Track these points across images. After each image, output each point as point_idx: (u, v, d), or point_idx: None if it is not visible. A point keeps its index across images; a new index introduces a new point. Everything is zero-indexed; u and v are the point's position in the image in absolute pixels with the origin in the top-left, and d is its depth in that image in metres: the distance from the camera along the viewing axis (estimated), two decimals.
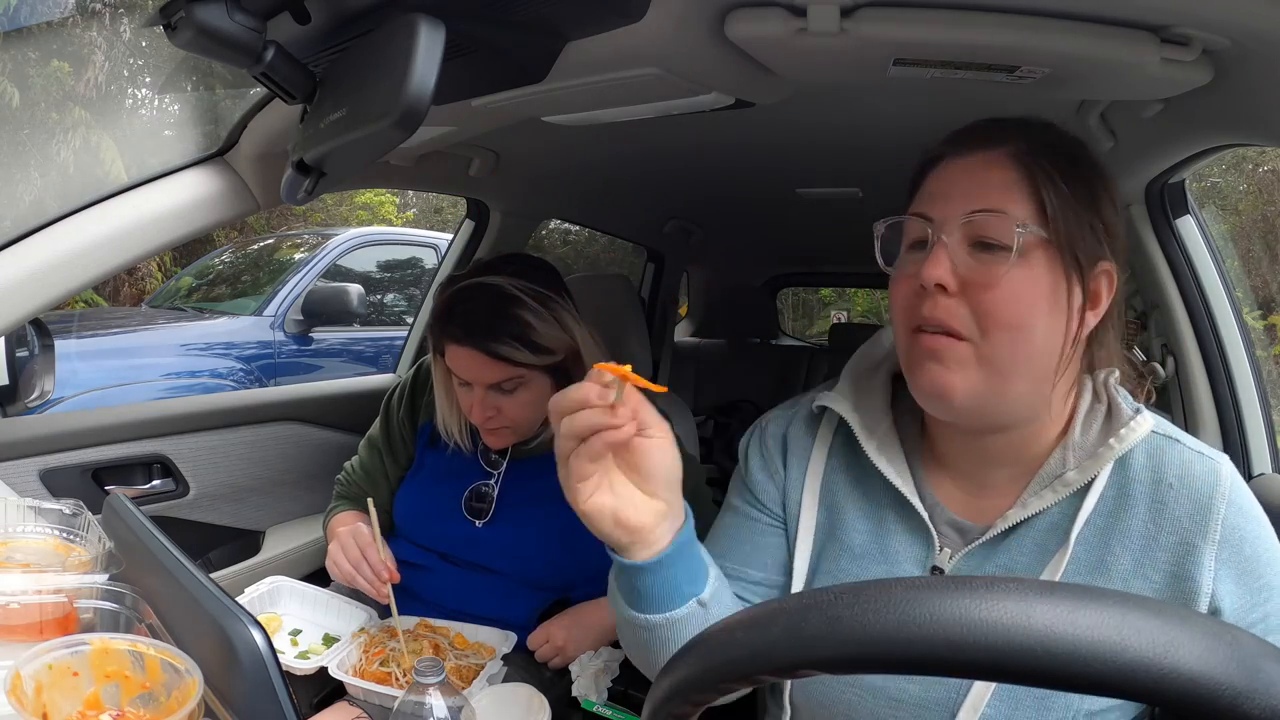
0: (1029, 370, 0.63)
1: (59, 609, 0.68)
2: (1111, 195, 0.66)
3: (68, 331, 3.37)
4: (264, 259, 4.58)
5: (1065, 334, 0.63)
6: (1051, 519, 0.65)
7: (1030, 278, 0.62)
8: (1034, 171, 0.63)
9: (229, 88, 1.06)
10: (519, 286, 1.07)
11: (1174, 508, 0.63)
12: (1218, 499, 0.62)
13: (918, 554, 0.69)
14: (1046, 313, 0.62)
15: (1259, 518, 0.64)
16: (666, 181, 1.73)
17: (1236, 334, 1.24)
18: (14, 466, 1.20)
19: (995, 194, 0.63)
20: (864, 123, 1.18)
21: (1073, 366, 0.66)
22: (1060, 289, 0.62)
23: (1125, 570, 0.63)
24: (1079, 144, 0.67)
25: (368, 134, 0.60)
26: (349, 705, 1.02)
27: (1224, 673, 0.29)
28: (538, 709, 0.92)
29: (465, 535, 1.16)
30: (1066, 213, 0.62)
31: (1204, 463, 0.64)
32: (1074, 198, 0.63)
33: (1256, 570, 0.62)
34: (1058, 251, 0.62)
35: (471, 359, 1.05)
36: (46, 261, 0.93)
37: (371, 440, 1.30)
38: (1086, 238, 0.63)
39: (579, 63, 0.79)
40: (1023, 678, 0.31)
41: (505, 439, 1.14)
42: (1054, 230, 0.62)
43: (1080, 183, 0.64)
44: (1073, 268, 0.62)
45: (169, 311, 4.08)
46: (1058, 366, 0.63)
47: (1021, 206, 0.62)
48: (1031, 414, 0.65)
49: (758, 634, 0.38)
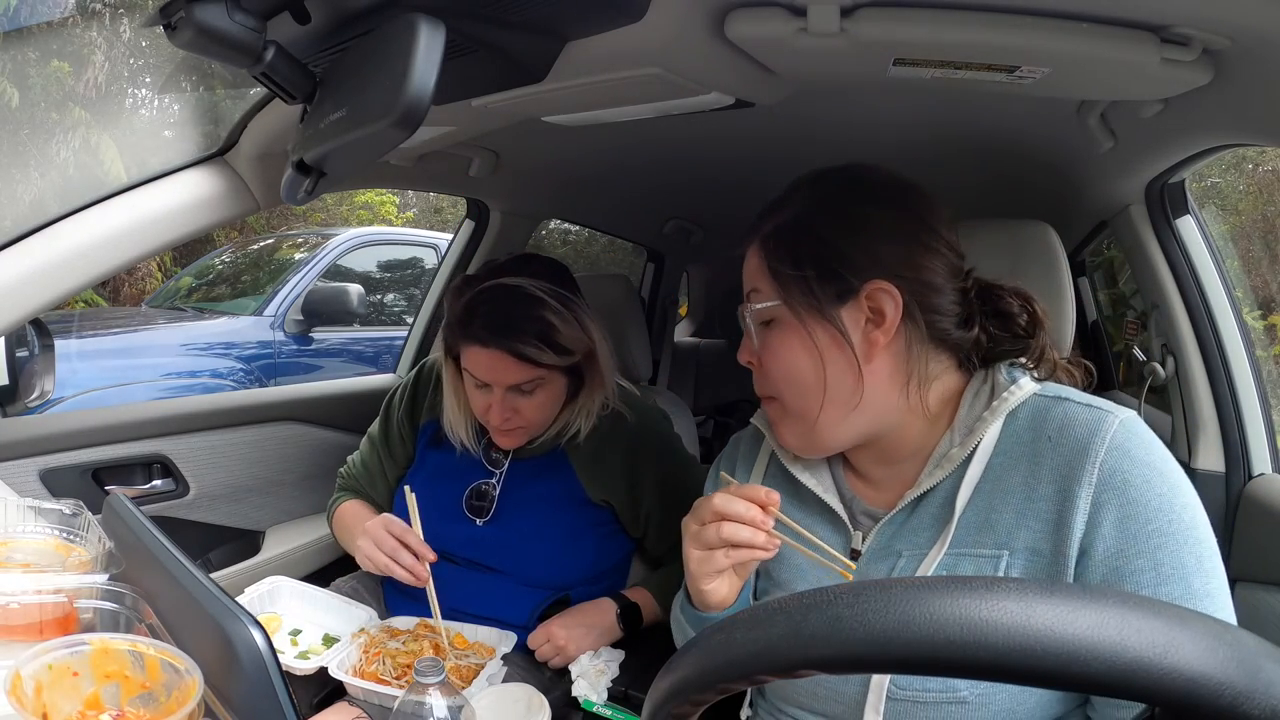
0: (832, 402, 0.72)
1: (59, 609, 0.68)
2: (888, 215, 0.72)
3: (68, 331, 3.37)
4: (264, 259, 4.57)
5: (847, 364, 0.71)
6: (944, 492, 0.71)
7: (781, 339, 0.74)
8: (765, 249, 0.74)
9: (229, 88, 1.06)
10: (540, 287, 1.06)
11: (1051, 458, 0.66)
12: (1096, 443, 0.64)
13: (841, 542, 0.78)
14: (810, 358, 0.72)
15: (1153, 465, 0.64)
16: (666, 181, 1.72)
17: (1236, 334, 1.24)
18: (14, 466, 1.20)
19: (750, 278, 0.76)
20: (864, 123, 1.18)
21: (924, 370, 0.73)
22: (809, 337, 0.72)
23: (1008, 524, 0.67)
24: (836, 189, 0.75)
25: (368, 134, 0.60)
26: (349, 705, 1.02)
27: (1224, 673, 0.29)
28: (538, 709, 0.92)
29: (466, 534, 1.16)
30: (788, 278, 0.72)
31: (1089, 414, 0.67)
32: (798, 258, 0.72)
33: (1144, 515, 0.62)
34: (788, 310, 0.72)
35: (495, 360, 1.04)
36: (46, 261, 0.93)
37: (371, 438, 1.30)
38: (814, 287, 0.71)
39: (579, 63, 0.79)
40: (1023, 677, 0.31)
41: (519, 439, 1.14)
42: (782, 295, 0.73)
43: (812, 239, 0.72)
44: (808, 316, 0.71)
45: (169, 311, 4.08)
46: (857, 391, 0.71)
47: (766, 282, 0.74)
48: (886, 424, 0.74)
49: (758, 634, 0.37)
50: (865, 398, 0.72)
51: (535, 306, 1.05)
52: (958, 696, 0.65)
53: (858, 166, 0.77)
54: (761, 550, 0.69)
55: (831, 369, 0.71)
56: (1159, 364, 1.31)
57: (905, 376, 0.73)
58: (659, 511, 1.18)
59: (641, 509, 1.18)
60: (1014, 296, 0.75)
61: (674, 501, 1.17)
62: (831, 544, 0.76)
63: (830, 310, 0.71)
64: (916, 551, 0.71)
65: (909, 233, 0.72)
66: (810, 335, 0.72)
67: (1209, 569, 0.62)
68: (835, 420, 0.73)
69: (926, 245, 0.72)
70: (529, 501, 1.15)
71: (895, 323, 0.70)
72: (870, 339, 0.71)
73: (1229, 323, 1.24)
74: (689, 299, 3.46)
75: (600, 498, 1.17)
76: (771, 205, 0.78)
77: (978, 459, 0.70)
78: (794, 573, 0.80)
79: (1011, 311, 0.74)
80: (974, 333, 0.73)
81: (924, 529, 0.72)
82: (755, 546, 0.69)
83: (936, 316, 0.72)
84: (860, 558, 0.75)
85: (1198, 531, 0.63)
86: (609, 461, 1.17)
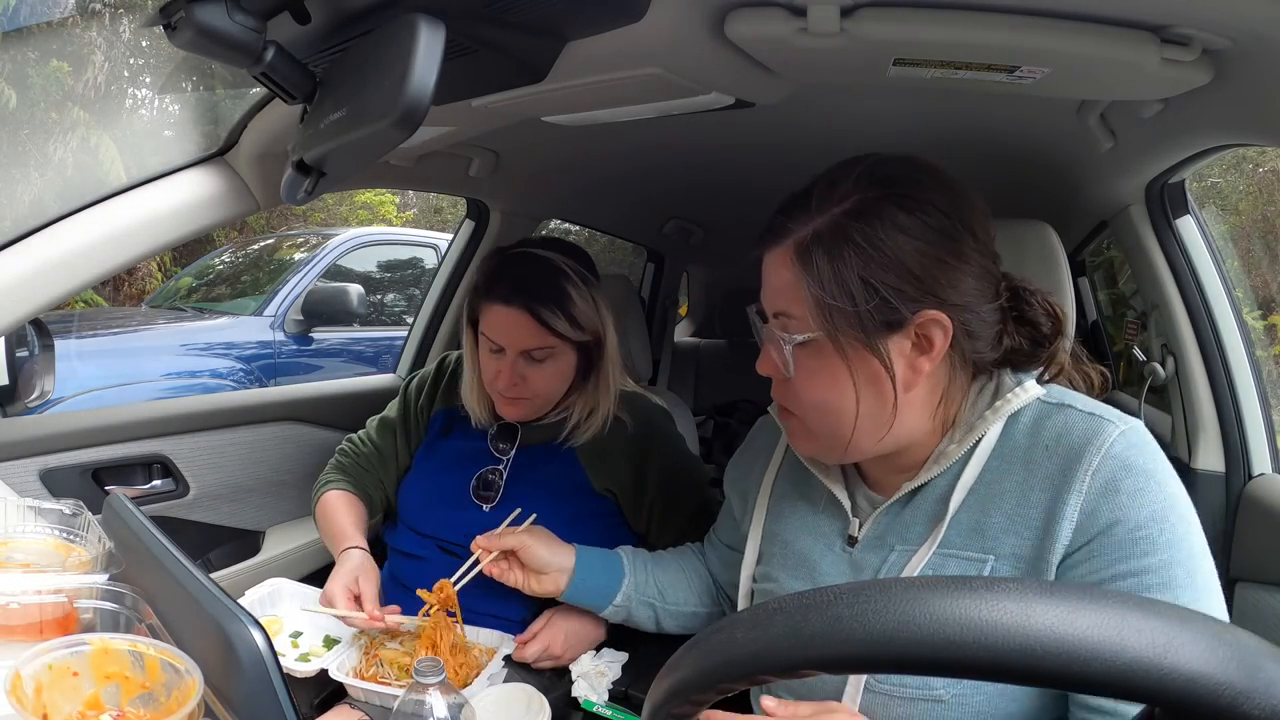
0: (862, 430, 0.69)
1: (59, 609, 0.68)
2: (946, 232, 0.66)
3: (68, 331, 3.37)
4: (264, 259, 4.57)
5: (886, 394, 0.67)
6: (940, 489, 0.71)
7: (820, 367, 0.68)
8: (803, 264, 0.67)
9: (229, 88, 1.06)
10: (565, 262, 1.13)
11: (1046, 465, 0.65)
12: (1091, 452, 0.63)
13: (839, 529, 0.78)
14: (846, 388, 0.68)
15: (1151, 475, 0.62)
16: (666, 181, 1.73)
17: (1236, 334, 1.24)
18: (14, 466, 1.20)
19: (782, 297, 0.69)
20: (864, 123, 1.18)
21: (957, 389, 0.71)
22: (848, 369, 0.67)
23: (998, 529, 0.66)
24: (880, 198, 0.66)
25: (368, 134, 0.60)
26: (350, 708, 1.02)
27: (1224, 673, 0.29)
28: (538, 709, 0.92)
29: (471, 520, 1.16)
30: (833, 309, 0.65)
31: (1089, 422, 0.66)
32: (845, 284, 0.65)
33: (1133, 524, 0.61)
34: (829, 340, 0.67)
35: (514, 319, 1.09)
36: (46, 261, 0.93)
37: (386, 422, 1.30)
38: (863, 319, 0.65)
39: (579, 63, 0.79)
40: (1023, 678, 0.31)
41: (522, 410, 1.16)
42: (825, 325, 0.66)
43: (863, 260, 0.65)
44: (851, 349, 0.66)
45: (169, 311, 4.08)
46: (890, 418, 0.68)
47: (800, 306, 0.68)
48: (910, 440, 0.71)
49: (758, 634, 0.37)
50: (897, 421, 0.69)
51: (557, 276, 1.11)
52: (934, 695, 0.65)
53: (910, 164, 0.69)
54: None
55: (867, 400, 0.68)
56: (1159, 364, 1.31)
57: (938, 399, 0.71)
58: (662, 503, 1.18)
59: (645, 498, 1.19)
60: (1042, 303, 0.72)
61: (677, 494, 1.19)
62: (830, 531, 0.78)
63: (877, 342, 0.66)
64: (907, 547, 0.71)
65: (963, 254, 0.67)
66: (849, 367, 0.67)
67: (1201, 586, 0.61)
68: (861, 444, 0.70)
69: (979, 265, 0.68)
70: (534, 489, 1.16)
71: (943, 351, 0.67)
72: (915, 367, 0.67)
73: (1229, 323, 1.24)
74: (689, 299, 3.45)
75: (604, 487, 1.18)
76: (802, 200, 0.69)
77: (975, 460, 0.69)
78: (790, 569, 0.80)
79: (1038, 320, 0.71)
80: (1003, 349, 0.71)
81: (917, 524, 0.72)
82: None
83: (978, 341, 0.69)
84: (856, 545, 0.76)
85: (1190, 546, 0.61)
86: (614, 451, 1.18)
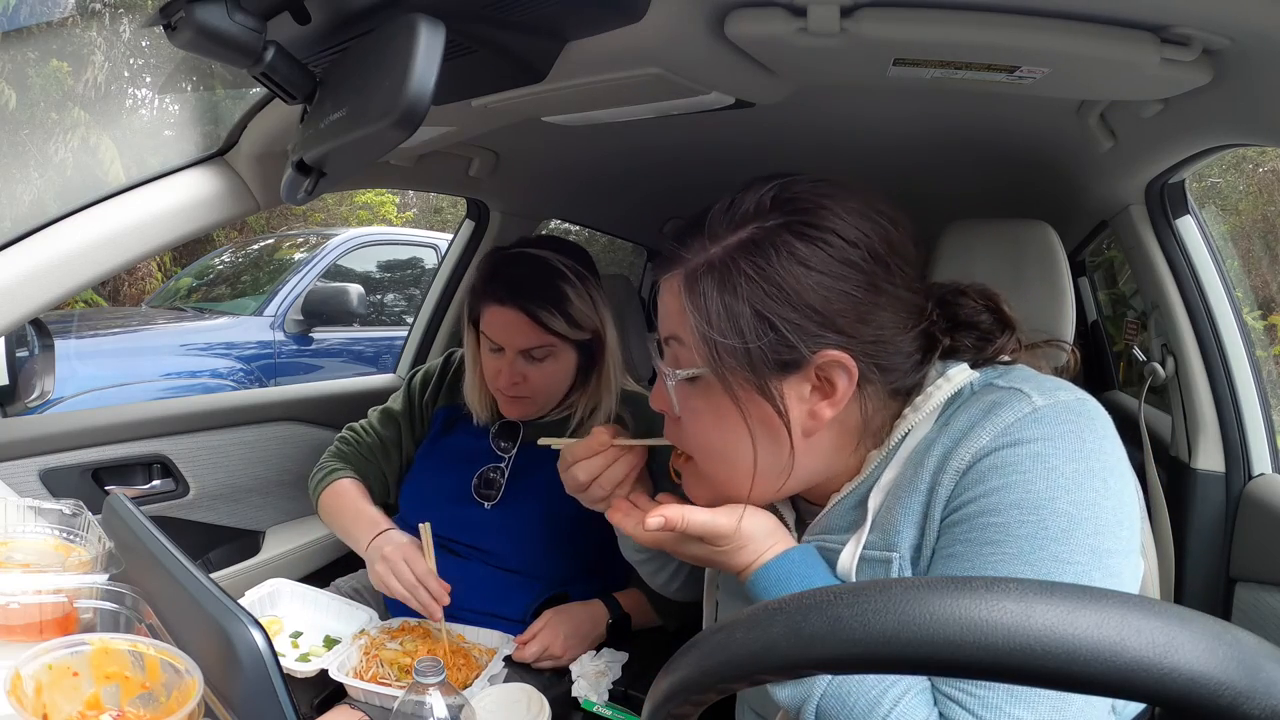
0: (761, 478, 0.62)
1: (59, 609, 0.68)
2: (850, 261, 0.59)
3: (68, 331, 3.37)
4: (264, 259, 4.57)
5: (782, 442, 0.60)
6: (859, 494, 0.64)
7: (705, 406, 0.61)
8: (690, 295, 0.60)
9: (229, 88, 1.06)
10: (561, 261, 1.13)
11: (940, 448, 0.59)
12: (985, 426, 0.56)
13: None
14: (737, 433, 0.60)
15: (1046, 459, 0.54)
16: (666, 181, 1.72)
17: (1236, 334, 1.24)
18: (14, 466, 1.20)
19: (672, 323, 0.63)
20: (864, 123, 1.18)
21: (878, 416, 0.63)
22: (739, 412, 0.60)
23: (896, 523, 0.60)
24: (778, 228, 0.59)
25: (368, 134, 0.60)
26: (350, 708, 1.02)
27: (1224, 673, 0.29)
28: (538, 709, 0.92)
29: (472, 518, 1.17)
30: (719, 345, 0.58)
31: (1001, 397, 0.59)
32: (734, 318, 0.58)
33: (1003, 507, 0.54)
34: (716, 379, 0.59)
35: (510, 319, 1.09)
36: (46, 261, 0.93)
37: (390, 413, 1.31)
38: (753, 358, 0.58)
39: (579, 63, 0.79)
40: (1022, 678, 0.31)
41: (524, 409, 1.17)
42: (711, 362, 0.59)
43: (755, 293, 0.58)
44: (741, 390, 0.59)
45: (169, 311, 4.08)
46: (788, 467, 0.61)
47: (691, 337, 0.60)
48: (815, 481, 0.65)
49: (758, 634, 0.37)
50: (800, 467, 0.62)
51: (554, 276, 1.12)
52: None
53: (817, 189, 0.61)
54: (626, 468, 0.71)
55: (763, 447, 0.60)
56: (1159, 364, 1.31)
57: (855, 439, 0.63)
58: None
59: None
60: (976, 299, 0.66)
61: None
62: None
63: (769, 384, 0.59)
64: (836, 551, 0.66)
65: (875, 286, 0.59)
66: (741, 410, 0.60)
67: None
68: (759, 494, 0.63)
69: (894, 297, 0.60)
70: (535, 488, 1.16)
71: (847, 395, 0.60)
72: (815, 412, 0.60)
73: (1229, 323, 1.24)
74: None
75: None
76: (697, 227, 0.63)
77: (898, 458, 0.62)
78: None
79: (975, 320, 0.65)
80: (928, 368, 0.64)
81: (844, 530, 0.65)
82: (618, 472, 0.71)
83: (894, 374, 0.62)
84: None
85: (1058, 550, 0.53)
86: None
